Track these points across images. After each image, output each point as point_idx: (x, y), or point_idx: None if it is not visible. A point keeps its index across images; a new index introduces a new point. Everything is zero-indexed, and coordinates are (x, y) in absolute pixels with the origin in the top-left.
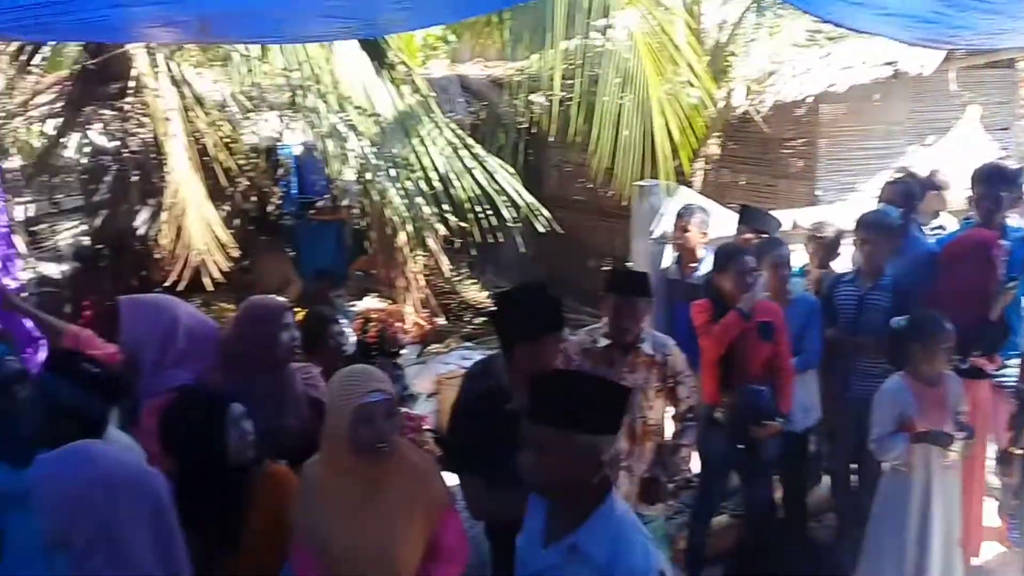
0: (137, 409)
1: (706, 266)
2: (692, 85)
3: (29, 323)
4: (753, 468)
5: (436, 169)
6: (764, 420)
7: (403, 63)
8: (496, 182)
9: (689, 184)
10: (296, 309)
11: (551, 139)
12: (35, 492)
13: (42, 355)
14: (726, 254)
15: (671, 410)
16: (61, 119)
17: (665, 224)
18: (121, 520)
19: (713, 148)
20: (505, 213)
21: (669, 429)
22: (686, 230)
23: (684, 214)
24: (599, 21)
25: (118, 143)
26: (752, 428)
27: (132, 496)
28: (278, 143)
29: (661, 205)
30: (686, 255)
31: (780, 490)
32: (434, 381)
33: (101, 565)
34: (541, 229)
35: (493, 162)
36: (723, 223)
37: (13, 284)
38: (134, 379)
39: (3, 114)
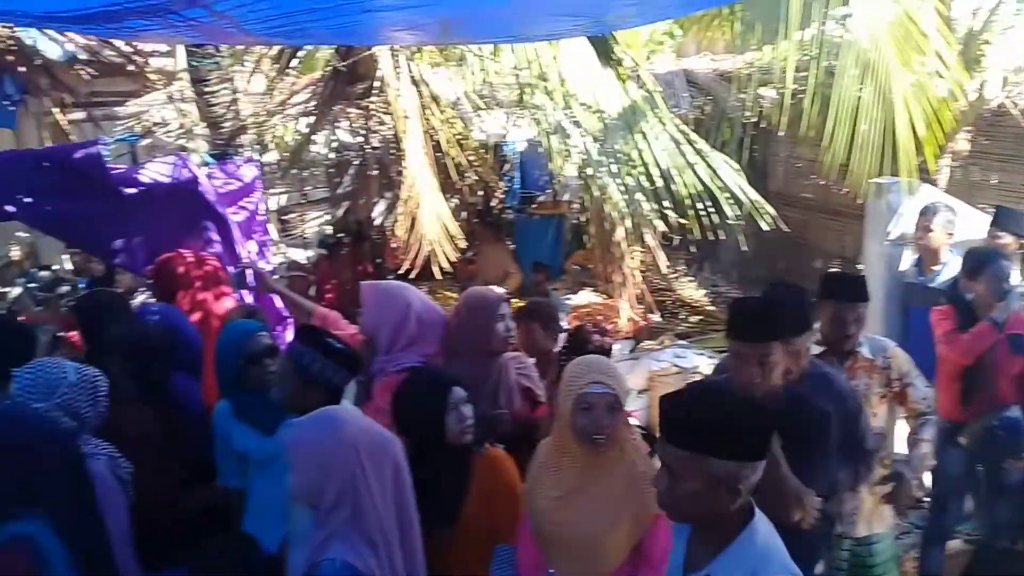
0: (369, 388)
1: (949, 270)
2: (940, 76)
3: (279, 303)
4: (993, 493)
5: (658, 165)
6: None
7: (629, 58)
8: (719, 178)
9: (933, 182)
10: (514, 300)
11: (780, 134)
12: (288, 452)
13: (290, 334)
14: (980, 257)
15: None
16: (313, 117)
17: (904, 224)
18: (366, 479)
19: (962, 144)
20: (727, 210)
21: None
22: (929, 229)
23: (928, 212)
24: (838, 10)
25: (361, 139)
26: (1008, 460)
27: (375, 457)
28: (504, 139)
29: (900, 204)
30: (928, 257)
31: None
32: (646, 378)
33: (345, 521)
34: (765, 227)
35: (717, 158)
36: (971, 225)
37: (267, 268)
38: (370, 359)
39: (264, 113)
